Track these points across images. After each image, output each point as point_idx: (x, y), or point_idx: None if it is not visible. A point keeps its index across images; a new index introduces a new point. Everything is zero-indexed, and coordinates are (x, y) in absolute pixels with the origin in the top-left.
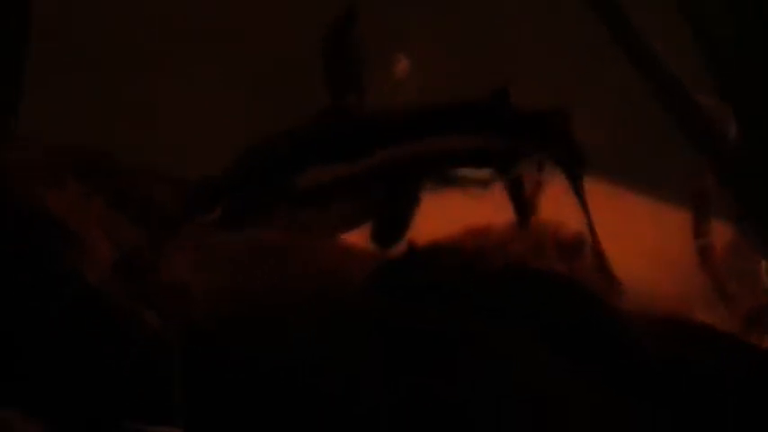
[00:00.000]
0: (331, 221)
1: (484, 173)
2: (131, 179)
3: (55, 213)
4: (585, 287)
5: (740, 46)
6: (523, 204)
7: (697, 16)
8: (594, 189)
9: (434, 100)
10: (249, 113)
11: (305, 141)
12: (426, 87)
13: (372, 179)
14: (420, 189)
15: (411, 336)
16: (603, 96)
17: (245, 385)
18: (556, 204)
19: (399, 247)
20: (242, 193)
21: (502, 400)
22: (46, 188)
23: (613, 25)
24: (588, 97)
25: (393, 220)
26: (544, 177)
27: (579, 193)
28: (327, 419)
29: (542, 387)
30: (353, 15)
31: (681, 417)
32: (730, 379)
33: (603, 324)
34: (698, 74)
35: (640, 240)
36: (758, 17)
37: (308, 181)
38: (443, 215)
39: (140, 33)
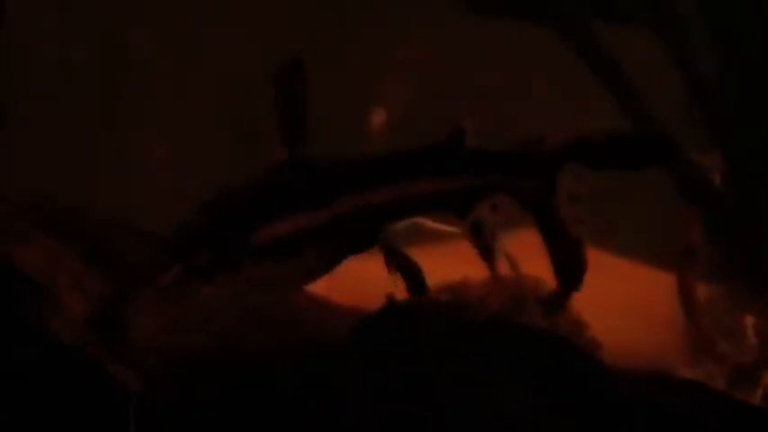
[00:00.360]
0: (295, 273)
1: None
2: (99, 232)
3: (24, 269)
4: (567, 340)
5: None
6: (485, 248)
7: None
8: None
9: (396, 147)
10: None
11: (263, 194)
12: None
13: (332, 230)
14: (377, 237)
15: (397, 390)
16: None
17: None
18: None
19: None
20: (203, 249)
21: None
22: (13, 244)
23: (602, 72)
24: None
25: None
26: (505, 220)
27: (550, 238)
28: None
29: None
30: (299, 64)
31: None
32: (709, 426)
33: (584, 374)
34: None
35: (622, 298)
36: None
37: (270, 234)
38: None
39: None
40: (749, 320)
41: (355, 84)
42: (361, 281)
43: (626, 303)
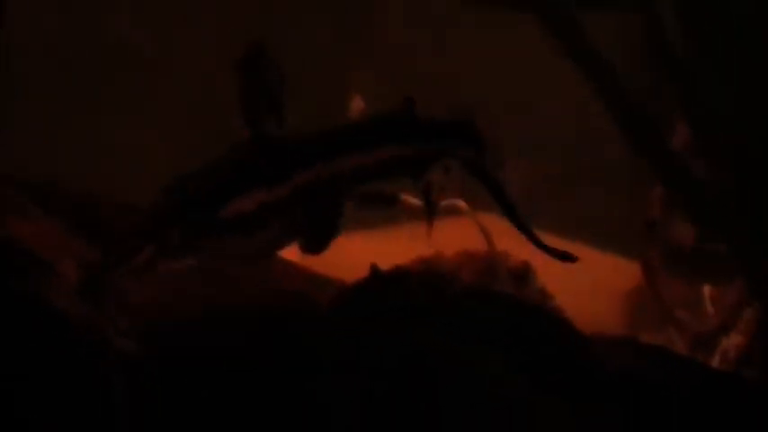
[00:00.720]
0: (261, 245)
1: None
2: (83, 205)
3: (19, 240)
4: (546, 310)
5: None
6: (432, 206)
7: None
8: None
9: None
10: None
11: (225, 173)
12: None
13: (293, 201)
14: (340, 205)
15: (387, 356)
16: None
17: (202, 406)
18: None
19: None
20: (171, 229)
21: (474, 408)
22: (14, 218)
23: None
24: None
25: (319, 231)
26: (450, 179)
27: (492, 188)
28: None
29: (509, 395)
30: (262, 46)
31: (631, 425)
32: (678, 391)
33: (561, 338)
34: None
35: (585, 274)
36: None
37: (234, 210)
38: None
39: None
40: (707, 291)
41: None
42: (346, 255)
43: (590, 284)
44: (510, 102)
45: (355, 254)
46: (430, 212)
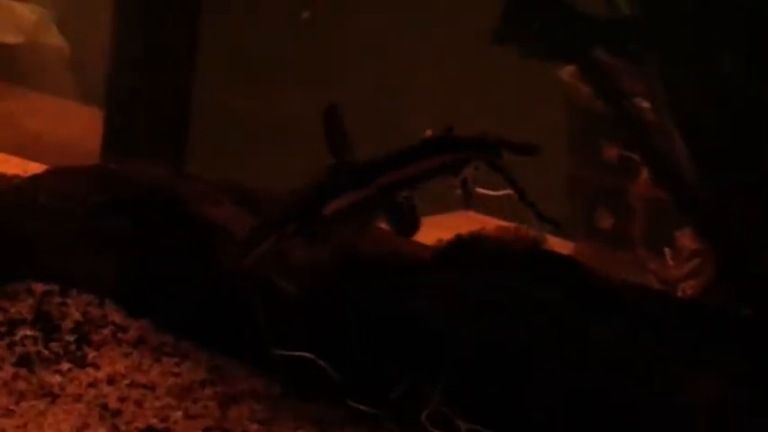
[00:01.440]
0: (354, 229)
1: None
2: (254, 196)
3: (217, 221)
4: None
5: None
6: (468, 193)
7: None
8: None
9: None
10: None
11: (325, 185)
12: None
13: (372, 199)
14: (412, 198)
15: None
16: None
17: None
18: None
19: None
20: (289, 224)
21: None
22: (209, 206)
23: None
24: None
25: (409, 219)
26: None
27: (506, 177)
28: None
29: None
30: (335, 105)
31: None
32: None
33: (587, 277)
34: None
35: None
36: None
37: (333, 208)
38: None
39: None
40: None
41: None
42: None
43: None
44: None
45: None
46: (467, 199)
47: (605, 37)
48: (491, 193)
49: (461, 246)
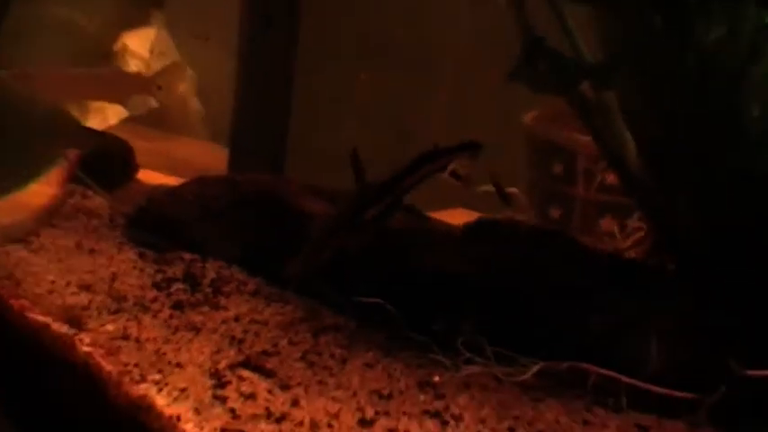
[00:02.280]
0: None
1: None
2: (331, 194)
3: (308, 211)
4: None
5: None
6: (462, 180)
7: None
8: None
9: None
10: None
11: (361, 198)
12: None
13: (402, 193)
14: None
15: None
16: None
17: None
18: None
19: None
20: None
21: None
22: (305, 200)
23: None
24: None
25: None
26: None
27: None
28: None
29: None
30: (356, 151)
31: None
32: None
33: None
34: None
35: None
36: None
37: (373, 210)
38: None
39: None
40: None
41: None
42: None
43: None
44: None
45: None
46: (465, 185)
47: (587, 75)
48: (484, 188)
49: (482, 225)
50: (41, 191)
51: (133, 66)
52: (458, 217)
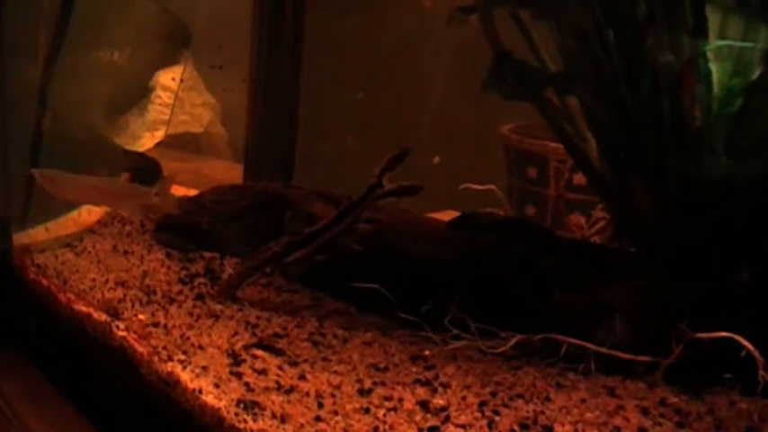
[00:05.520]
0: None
1: None
2: (334, 198)
3: (313, 212)
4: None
5: None
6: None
7: None
8: None
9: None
10: None
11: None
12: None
13: (325, 241)
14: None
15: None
16: None
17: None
18: None
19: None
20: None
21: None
22: (310, 203)
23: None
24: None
25: None
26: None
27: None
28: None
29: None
30: (403, 155)
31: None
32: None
33: (537, 230)
34: None
35: None
36: None
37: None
38: None
39: None
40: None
41: None
42: None
43: None
44: None
45: None
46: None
47: (549, 83)
48: (476, 186)
49: (465, 218)
50: (92, 210)
51: (165, 98)
52: (447, 217)
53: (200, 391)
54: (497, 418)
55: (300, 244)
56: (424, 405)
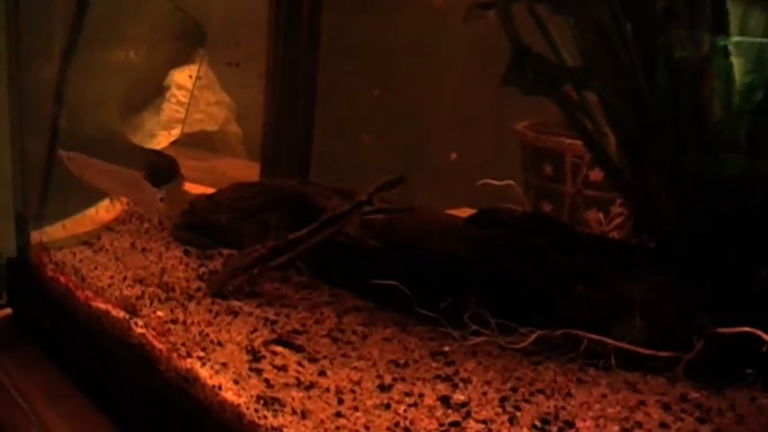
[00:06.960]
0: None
1: None
2: (347, 193)
3: (329, 207)
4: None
5: None
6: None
7: None
8: None
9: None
10: None
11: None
12: None
13: (305, 248)
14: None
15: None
16: None
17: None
18: None
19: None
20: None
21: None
22: (326, 199)
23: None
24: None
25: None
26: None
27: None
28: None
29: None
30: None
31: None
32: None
33: (552, 222)
34: None
35: None
36: None
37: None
38: None
39: None
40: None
41: None
42: None
43: None
44: None
45: None
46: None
47: (568, 78)
48: (496, 182)
49: (484, 214)
50: (109, 207)
51: (181, 97)
52: (464, 214)
53: (220, 388)
54: (518, 414)
55: (285, 248)
56: (444, 401)
